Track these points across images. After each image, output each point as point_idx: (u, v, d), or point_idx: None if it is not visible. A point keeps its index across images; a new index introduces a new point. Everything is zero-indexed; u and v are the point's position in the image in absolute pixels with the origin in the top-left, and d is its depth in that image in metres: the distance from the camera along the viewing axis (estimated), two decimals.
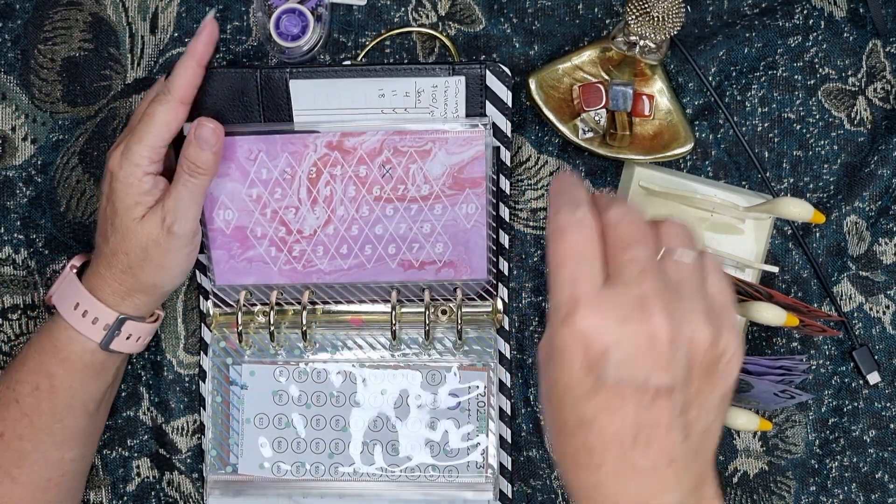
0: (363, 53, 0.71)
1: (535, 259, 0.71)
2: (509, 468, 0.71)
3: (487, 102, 0.68)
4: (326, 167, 0.67)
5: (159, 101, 0.62)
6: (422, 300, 0.69)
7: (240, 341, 0.70)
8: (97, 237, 0.65)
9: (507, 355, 0.71)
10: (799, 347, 0.71)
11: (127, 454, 0.72)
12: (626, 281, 0.45)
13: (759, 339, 0.71)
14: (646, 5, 0.62)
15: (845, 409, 0.71)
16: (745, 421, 0.64)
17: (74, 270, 0.66)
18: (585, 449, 0.45)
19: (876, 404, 0.71)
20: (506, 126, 0.68)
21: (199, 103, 0.67)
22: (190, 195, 0.62)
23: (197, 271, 0.71)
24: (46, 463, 0.65)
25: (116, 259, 0.63)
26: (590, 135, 0.67)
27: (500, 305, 0.70)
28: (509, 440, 0.71)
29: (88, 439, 0.67)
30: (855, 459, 0.71)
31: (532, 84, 0.68)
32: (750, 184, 0.71)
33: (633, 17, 0.62)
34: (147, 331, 0.67)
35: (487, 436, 0.69)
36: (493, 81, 0.67)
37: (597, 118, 0.67)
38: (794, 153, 0.71)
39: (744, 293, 0.65)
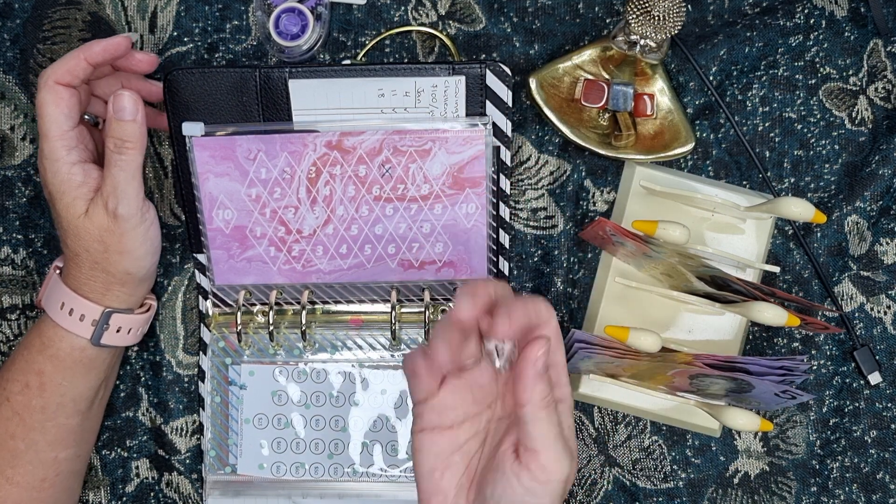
0: (363, 53, 0.71)
1: (535, 259, 0.71)
2: None
3: (487, 102, 0.67)
4: (326, 167, 0.67)
5: (38, 90, 0.62)
6: (422, 300, 0.69)
7: (239, 341, 0.69)
8: (61, 242, 0.65)
9: None
10: (800, 348, 0.71)
11: (126, 455, 0.72)
12: None
13: (759, 339, 0.71)
14: (646, 4, 0.62)
15: (846, 410, 0.71)
16: (746, 421, 0.64)
17: (58, 271, 0.66)
18: None
19: (877, 404, 0.71)
20: (506, 125, 0.68)
21: (199, 103, 0.67)
22: (124, 174, 0.61)
23: (196, 271, 0.71)
24: (40, 462, 0.65)
25: (80, 259, 0.63)
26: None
27: None
28: None
29: (83, 438, 0.67)
30: (856, 460, 0.71)
31: (532, 83, 0.68)
32: (751, 183, 0.70)
33: (634, 16, 0.62)
34: (138, 322, 0.67)
35: None
36: (493, 81, 0.67)
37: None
38: (795, 153, 0.71)
39: (745, 293, 0.64)
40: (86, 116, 0.66)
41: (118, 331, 0.65)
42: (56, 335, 0.64)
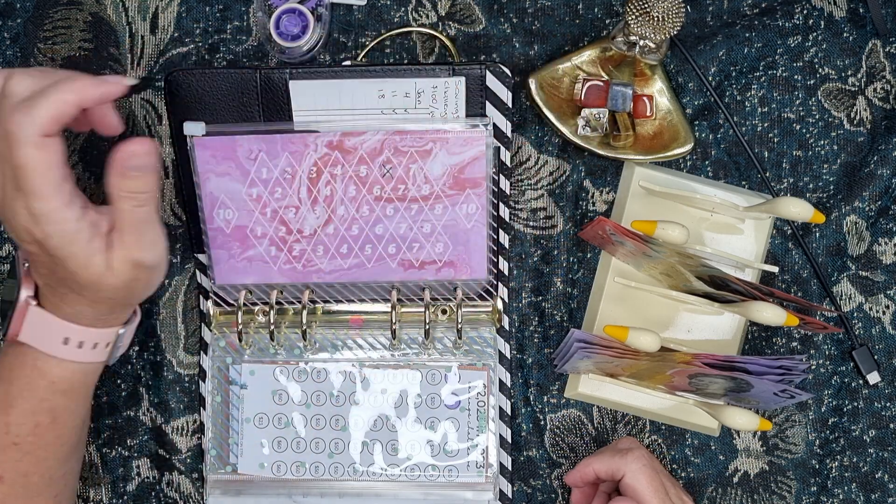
0: (363, 53, 0.71)
1: (535, 259, 0.71)
2: (509, 468, 0.71)
3: (487, 103, 0.68)
4: (327, 167, 0.67)
5: (16, 145, 0.53)
6: (422, 300, 0.69)
7: (240, 341, 0.70)
8: (49, 294, 0.59)
9: (507, 355, 0.71)
10: (799, 347, 0.71)
11: (127, 454, 0.72)
12: None
13: (758, 338, 0.71)
14: (646, 5, 0.62)
15: (845, 409, 0.71)
16: (745, 421, 0.64)
17: (35, 303, 0.59)
18: None
19: (876, 404, 0.71)
20: (506, 126, 0.68)
21: (199, 104, 0.68)
22: (148, 224, 0.57)
23: (197, 271, 0.71)
24: (53, 482, 0.63)
25: (99, 306, 0.59)
26: (588, 132, 0.67)
27: (499, 305, 0.70)
28: (509, 440, 0.71)
29: (84, 439, 0.66)
30: (855, 459, 0.71)
31: (532, 84, 0.68)
32: (750, 184, 0.71)
33: (633, 17, 0.63)
34: (134, 326, 0.65)
35: (487, 436, 0.69)
36: (493, 82, 0.67)
37: (598, 116, 0.67)
38: (794, 153, 0.71)
39: (744, 293, 0.65)
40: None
41: (125, 342, 0.64)
42: (66, 370, 0.60)
